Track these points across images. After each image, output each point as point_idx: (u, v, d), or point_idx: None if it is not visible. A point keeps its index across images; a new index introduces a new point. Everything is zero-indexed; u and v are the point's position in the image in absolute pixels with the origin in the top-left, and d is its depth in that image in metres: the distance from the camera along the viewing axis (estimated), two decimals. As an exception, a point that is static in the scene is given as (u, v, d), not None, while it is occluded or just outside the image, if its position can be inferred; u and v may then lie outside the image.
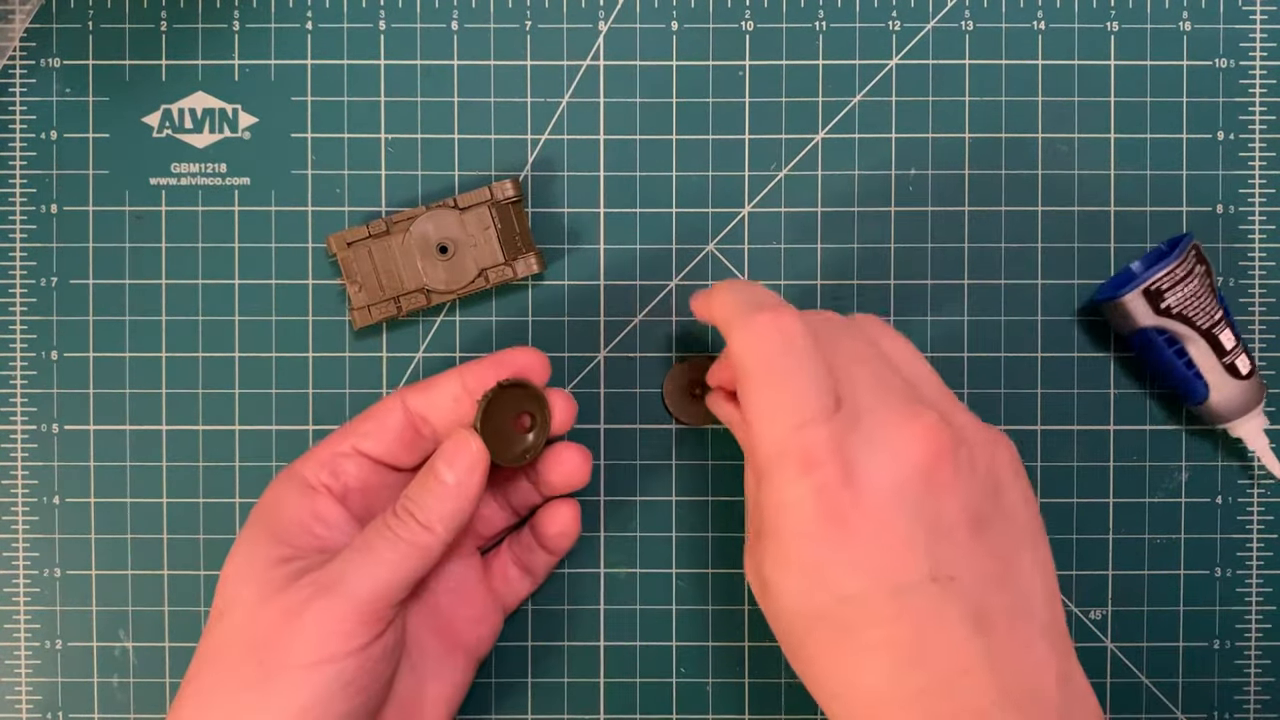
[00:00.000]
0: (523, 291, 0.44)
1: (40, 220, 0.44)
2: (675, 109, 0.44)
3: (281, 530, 0.37)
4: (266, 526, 0.37)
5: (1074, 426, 0.44)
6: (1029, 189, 0.44)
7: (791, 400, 0.32)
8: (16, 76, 0.44)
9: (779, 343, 0.33)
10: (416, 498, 0.36)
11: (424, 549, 0.36)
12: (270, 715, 0.34)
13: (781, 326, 0.33)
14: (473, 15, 0.44)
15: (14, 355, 0.44)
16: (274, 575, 0.35)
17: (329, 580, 0.35)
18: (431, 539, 0.36)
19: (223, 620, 0.35)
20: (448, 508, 0.36)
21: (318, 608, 0.34)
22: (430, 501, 0.36)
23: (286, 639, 0.34)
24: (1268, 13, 0.44)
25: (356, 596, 0.34)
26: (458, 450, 0.37)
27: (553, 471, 0.40)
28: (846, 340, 0.35)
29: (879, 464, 0.32)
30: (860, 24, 0.44)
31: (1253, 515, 0.44)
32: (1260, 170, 0.44)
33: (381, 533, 0.36)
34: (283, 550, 0.36)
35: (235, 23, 0.44)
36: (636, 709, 0.44)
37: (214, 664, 0.35)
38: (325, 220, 0.44)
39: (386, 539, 0.35)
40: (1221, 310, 0.41)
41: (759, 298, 0.35)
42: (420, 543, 0.36)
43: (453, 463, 0.36)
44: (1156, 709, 0.44)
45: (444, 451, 0.37)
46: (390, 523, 0.36)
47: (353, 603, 0.34)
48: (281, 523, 0.37)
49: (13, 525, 0.44)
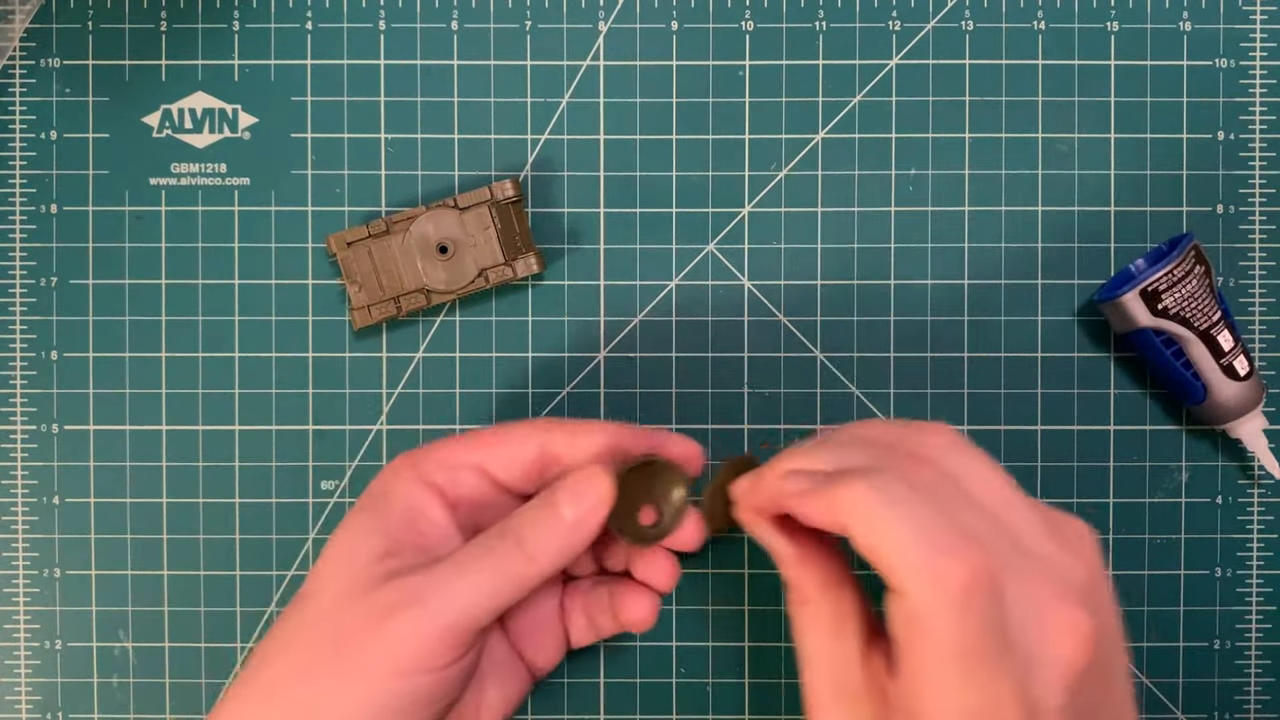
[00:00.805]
0: (523, 291, 0.44)
1: (40, 220, 0.44)
2: (675, 109, 0.44)
3: (388, 521, 0.35)
4: (374, 515, 0.36)
5: (1074, 426, 0.44)
6: (1029, 189, 0.44)
7: (982, 683, 0.28)
8: (16, 76, 0.44)
9: (977, 614, 0.28)
10: (528, 525, 0.35)
11: (522, 579, 0.34)
12: (342, 710, 0.33)
13: (980, 584, 0.28)
14: (473, 15, 0.44)
15: (14, 355, 0.44)
16: (369, 570, 0.34)
17: (420, 591, 0.33)
18: (533, 571, 0.34)
19: (309, 603, 0.34)
20: (558, 544, 0.34)
21: (403, 620, 0.33)
22: (542, 533, 0.34)
23: (367, 642, 0.33)
24: (1268, 13, 0.44)
25: (444, 617, 0.33)
26: (586, 488, 0.35)
27: (645, 570, 0.39)
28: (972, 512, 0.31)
29: (1050, 697, 0.29)
30: (860, 24, 0.44)
31: (1253, 515, 0.44)
32: (1260, 170, 0.44)
33: (482, 555, 0.34)
34: (384, 543, 0.35)
35: (235, 23, 0.44)
36: (636, 709, 0.44)
37: (288, 650, 0.34)
38: (325, 220, 0.44)
39: (487, 563, 0.34)
40: (1220, 311, 0.41)
41: (935, 524, 0.29)
42: (520, 573, 0.34)
43: (577, 500, 0.35)
44: (1156, 709, 0.44)
45: (569, 485, 0.35)
46: (494, 545, 0.34)
47: (439, 623, 0.33)
48: (390, 513, 0.36)
49: (13, 525, 0.44)
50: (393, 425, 0.44)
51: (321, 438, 0.44)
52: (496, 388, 0.44)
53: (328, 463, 0.44)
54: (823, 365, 0.44)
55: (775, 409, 0.44)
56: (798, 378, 0.44)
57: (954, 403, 0.44)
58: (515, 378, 0.44)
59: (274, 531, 0.43)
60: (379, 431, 0.44)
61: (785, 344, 0.44)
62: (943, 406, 0.44)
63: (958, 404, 0.44)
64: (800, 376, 0.44)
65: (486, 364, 0.44)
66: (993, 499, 0.31)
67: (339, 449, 0.44)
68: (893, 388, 0.44)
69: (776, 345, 0.44)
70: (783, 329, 0.44)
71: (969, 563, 0.28)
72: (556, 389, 0.44)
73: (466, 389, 0.44)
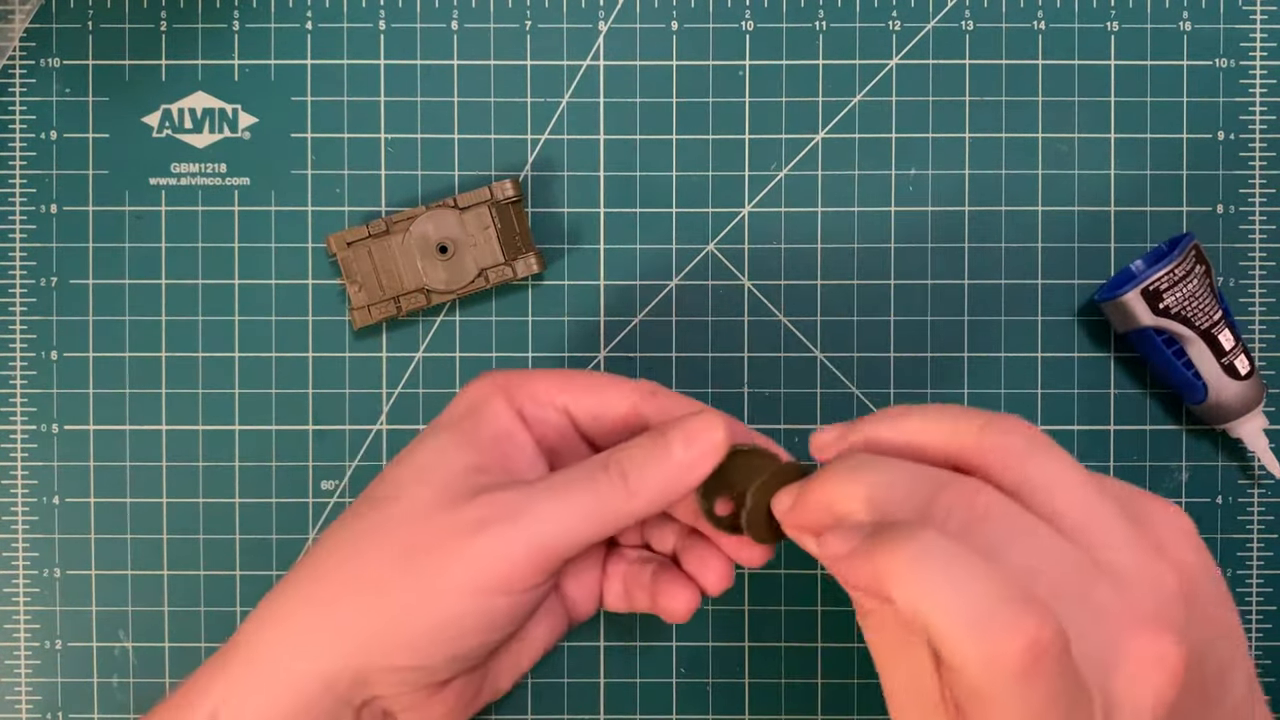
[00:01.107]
0: (523, 291, 0.44)
1: (40, 220, 0.44)
2: (675, 109, 0.44)
3: (477, 438, 0.34)
4: (461, 430, 0.34)
5: (1074, 426, 0.44)
6: (1029, 189, 0.44)
7: None
8: (16, 76, 0.44)
9: (1043, 686, 0.25)
10: (635, 460, 0.33)
11: (619, 514, 0.32)
12: (402, 623, 0.32)
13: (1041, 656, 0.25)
14: (473, 15, 0.44)
15: (14, 355, 0.44)
16: (459, 482, 0.33)
17: (513, 509, 0.32)
18: (631, 507, 0.32)
19: (386, 507, 0.33)
20: (662, 483, 0.32)
21: (493, 535, 0.31)
22: (648, 469, 0.32)
23: (449, 555, 0.32)
24: (1268, 13, 0.44)
25: (535, 540, 0.32)
26: (701, 431, 0.33)
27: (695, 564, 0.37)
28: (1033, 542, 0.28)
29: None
30: (860, 24, 0.44)
31: (1253, 515, 0.44)
32: (1260, 170, 0.44)
33: (582, 482, 0.32)
34: (475, 458, 0.33)
35: (235, 23, 0.44)
36: (636, 709, 0.44)
37: (364, 548, 0.33)
38: (325, 220, 0.44)
39: (587, 490, 0.32)
40: (1221, 311, 0.41)
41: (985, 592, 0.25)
42: (618, 508, 0.32)
43: (691, 441, 0.33)
44: (1156, 709, 0.44)
45: (686, 426, 0.33)
46: (596, 474, 0.33)
47: (528, 545, 0.31)
48: (479, 430, 0.34)
49: (13, 525, 0.44)
50: (393, 425, 0.44)
51: (321, 438, 0.44)
52: (496, 388, 0.44)
53: (328, 463, 0.44)
54: (823, 365, 0.44)
55: (775, 409, 0.44)
56: (798, 378, 0.44)
57: (954, 402, 0.43)
58: (515, 378, 0.44)
59: (274, 531, 0.43)
60: (379, 431, 0.44)
61: (785, 344, 0.44)
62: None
63: (958, 404, 0.43)
64: (800, 376, 0.44)
65: (486, 364, 0.44)
66: (1074, 512, 0.28)
67: (339, 449, 0.44)
68: (893, 388, 0.44)
69: (776, 345, 0.44)
70: (783, 329, 0.44)
71: (1027, 634, 0.25)
72: (556, 389, 0.44)
73: (466, 389, 0.44)
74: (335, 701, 0.33)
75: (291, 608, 0.34)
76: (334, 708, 0.33)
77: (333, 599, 0.33)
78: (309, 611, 0.33)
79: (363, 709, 0.33)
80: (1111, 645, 0.27)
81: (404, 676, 0.33)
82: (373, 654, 0.32)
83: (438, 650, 0.32)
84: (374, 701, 0.33)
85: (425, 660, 0.32)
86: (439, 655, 0.32)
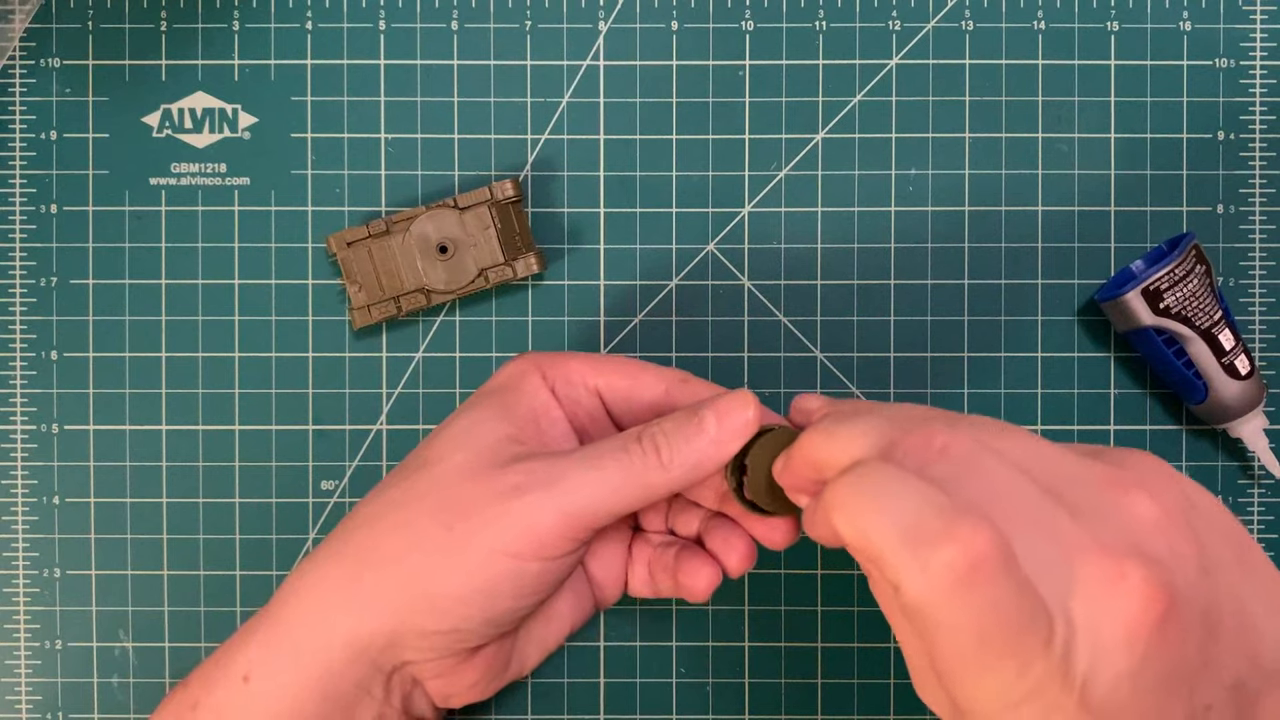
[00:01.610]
0: (523, 291, 0.44)
1: (40, 220, 0.44)
2: (675, 109, 0.44)
3: (515, 411, 0.35)
4: (500, 403, 0.35)
5: (1074, 426, 0.44)
6: (1029, 189, 0.44)
7: (1014, 669, 0.25)
8: (16, 76, 0.44)
9: (982, 596, 0.25)
10: (669, 435, 0.33)
11: (651, 486, 0.33)
12: (437, 583, 0.32)
13: (978, 563, 0.25)
14: (473, 15, 0.44)
15: (14, 355, 0.44)
16: (496, 450, 0.34)
17: (548, 476, 0.33)
18: (664, 479, 0.33)
19: (423, 472, 0.34)
20: (695, 457, 0.33)
21: (528, 501, 0.32)
22: (680, 443, 0.33)
23: (484, 518, 0.32)
24: (1268, 13, 0.44)
25: (569, 506, 0.32)
26: (734, 407, 0.33)
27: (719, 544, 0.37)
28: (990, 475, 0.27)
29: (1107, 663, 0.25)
30: (860, 24, 0.44)
31: (1253, 515, 0.44)
32: (1260, 170, 0.44)
33: (616, 453, 0.33)
34: (511, 429, 0.34)
35: (235, 23, 0.44)
36: (636, 709, 0.44)
37: (399, 511, 0.33)
38: (325, 220, 0.44)
39: (620, 461, 0.33)
40: (1221, 310, 0.41)
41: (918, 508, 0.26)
42: (651, 480, 0.33)
43: (723, 417, 0.33)
44: (1156, 709, 0.44)
45: (719, 403, 0.34)
46: (630, 446, 0.33)
47: (563, 511, 0.32)
48: (518, 404, 0.35)
49: (13, 525, 0.44)
50: (393, 425, 0.44)
51: (321, 438, 0.44)
52: (496, 388, 0.44)
53: (328, 463, 0.44)
54: (823, 365, 0.44)
55: (775, 409, 0.43)
56: (798, 378, 0.44)
57: (954, 403, 0.44)
58: (515, 378, 0.44)
59: (274, 531, 0.43)
60: (379, 431, 0.44)
61: (785, 344, 0.44)
62: (943, 406, 0.43)
63: (958, 404, 0.44)
64: (800, 376, 0.44)
65: (486, 364, 0.44)
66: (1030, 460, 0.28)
67: (339, 449, 0.44)
68: (893, 388, 0.44)
69: (776, 345, 0.44)
70: (783, 329, 0.44)
71: (960, 540, 0.25)
72: (556, 389, 0.44)
73: (466, 389, 0.44)
74: (367, 667, 0.33)
75: (325, 571, 0.34)
76: (365, 674, 0.33)
77: (366, 562, 0.33)
78: (341, 575, 0.34)
79: (393, 675, 0.34)
80: (1072, 566, 0.26)
81: (435, 641, 0.33)
82: (405, 617, 0.33)
83: (470, 613, 0.33)
84: (404, 668, 0.34)
85: (458, 623, 0.33)
86: (472, 618, 0.33)
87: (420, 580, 0.33)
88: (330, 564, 0.34)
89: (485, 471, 0.33)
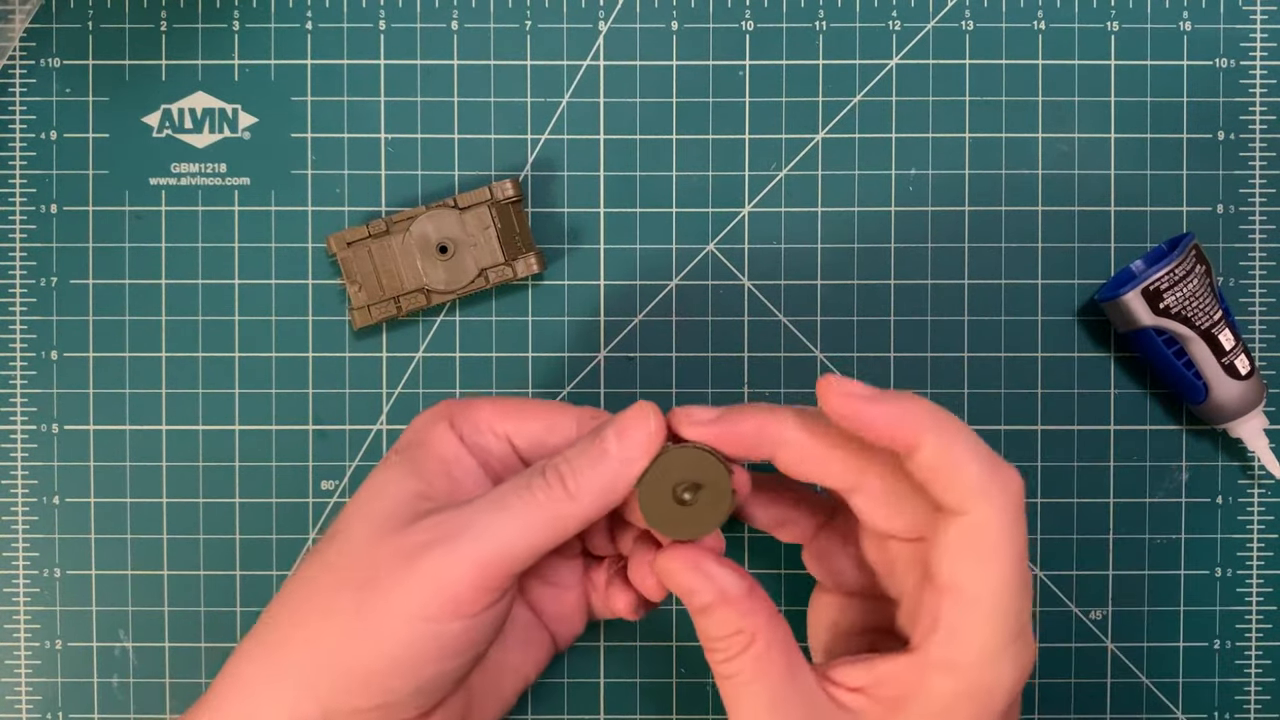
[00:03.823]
0: (523, 291, 0.44)
1: (40, 220, 0.44)
2: (675, 109, 0.44)
3: (423, 465, 0.34)
4: (408, 459, 0.34)
5: (1074, 426, 0.44)
6: (1029, 189, 0.44)
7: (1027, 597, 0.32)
8: (16, 76, 0.44)
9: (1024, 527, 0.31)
10: (572, 462, 0.32)
11: (562, 519, 0.32)
12: (354, 657, 0.31)
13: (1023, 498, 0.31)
14: (473, 15, 0.44)
15: (14, 355, 0.44)
16: (402, 509, 0.32)
17: (452, 529, 0.31)
18: (574, 509, 0.32)
19: (334, 542, 0.33)
20: (601, 481, 0.32)
21: (434, 559, 0.31)
22: (586, 469, 0.32)
23: (395, 582, 0.31)
24: (1268, 13, 0.44)
25: (479, 556, 0.31)
26: (634, 424, 0.32)
27: (637, 574, 0.36)
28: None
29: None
30: (860, 24, 0.44)
31: (1253, 515, 0.44)
32: (1260, 170, 0.44)
33: (520, 491, 0.32)
34: (419, 485, 0.33)
35: (235, 23, 0.44)
36: (636, 709, 0.44)
37: (311, 589, 0.32)
38: (325, 220, 0.44)
39: (524, 499, 0.32)
40: (1221, 310, 0.41)
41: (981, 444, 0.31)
42: (561, 511, 0.32)
43: (624, 434, 0.32)
44: (1156, 709, 0.44)
45: (619, 420, 0.33)
46: (534, 483, 0.32)
47: (473, 562, 0.31)
48: (425, 458, 0.34)
49: (13, 525, 0.44)
50: (393, 425, 0.44)
51: (321, 438, 0.44)
52: (496, 388, 0.44)
53: (328, 463, 0.44)
54: (823, 365, 0.44)
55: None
56: (798, 378, 0.44)
57: (954, 403, 0.44)
58: (515, 378, 0.44)
59: (274, 531, 0.43)
60: (379, 431, 0.44)
61: (785, 344, 0.44)
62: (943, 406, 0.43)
63: (958, 404, 0.44)
64: (800, 376, 0.44)
65: (486, 364, 0.44)
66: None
67: (339, 449, 0.44)
68: (893, 387, 0.44)
69: (776, 345, 0.44)
70: (783, 329, 0.44)
71: (1018, 478, 0.31)
72: (557, 389, 0.44)
73: (466, 389, 0.44)
74: None
75: (251, 660, 0.33)
76: None
77: (288, 645, 0.32)
78: (267, 662, 0.32)
79: None
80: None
81: (369, 718, 0.32)
82: (331, 698, 0.31)
83: (395, 684, 0.31)
84: None
85: (385, 696, 0.31)
86: (397, 690, 0.31)
87: (339, 657, 0.31)
88: (256, 651, 0.33)
89: (391, 534, 0.32)
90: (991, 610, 0.30)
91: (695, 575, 0.32)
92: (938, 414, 0.31)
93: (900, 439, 0.30)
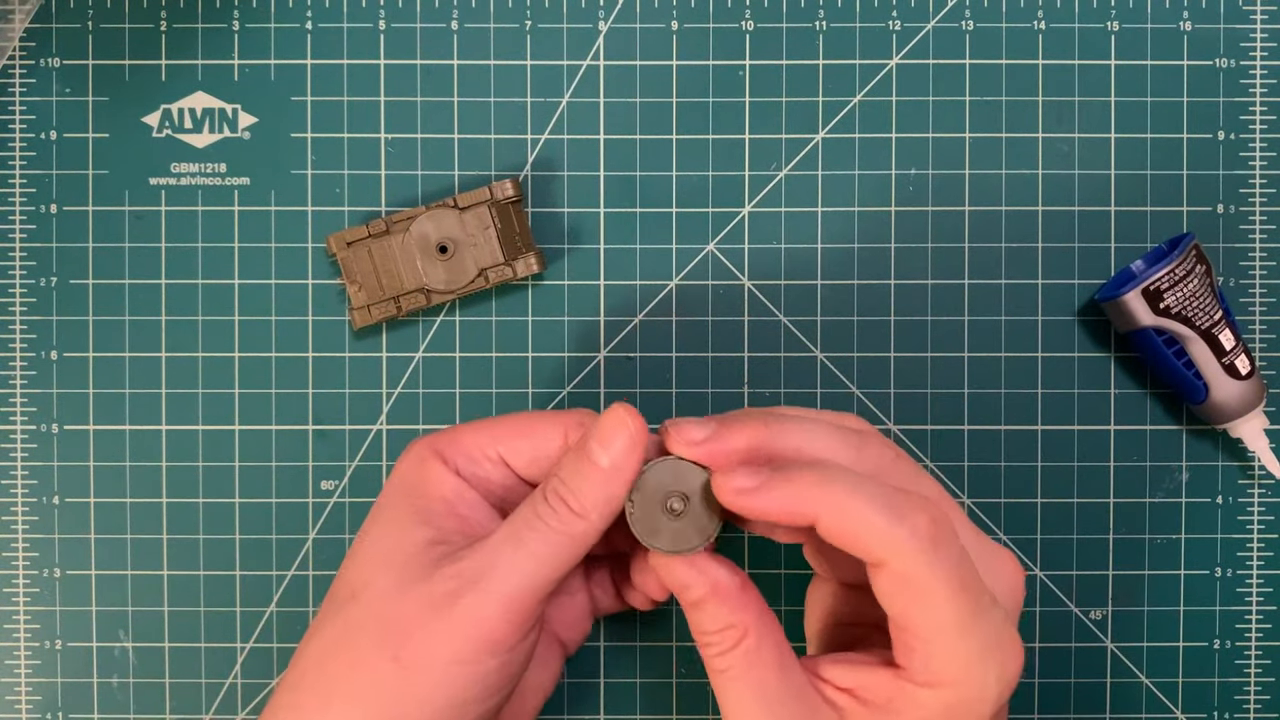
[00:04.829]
0: (523, 291, 0.44)
1: (40, 220, 0.44)
2: (675, 109, 0.44)
3: (428, 509, 0.34)
4: (411, 504, 0.34)
5: (1074, 426, 0.44)
6: (1029, 189, 0.44)
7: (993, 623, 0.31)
8: (16, 76, 0.44)
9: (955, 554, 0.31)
10: (569, 482, 0.33)
11: (578, 538, 0.32)
12: (401, 712, 0.31)
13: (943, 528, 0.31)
14: (473, 15, 0.44)
15: (14, 355, 0.44)
16: (418, 561, 0.32)
17: (476, 573, 0.32)
18: (586, 526, 0.32)
19: (355, 604, 0.33)
20: (602, 493, 0.32)
21: (466, 605, 0.31)
22: (584, 486, 0.32)
23: (429, 635, 0.31)
24: (1268, 13, 0.44)
25: (507, 594, 0.32)
26: (614, 430, 0.32)
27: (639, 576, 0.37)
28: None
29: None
30: (860, 24, 0.44)
31: (1253, 515, 0.44)
32: (1260, 170, 0.44)
33: (532, 523, 0.32)
34: (429, 532, 0.33)
35: (235, 23, 0.44)
36: (636, 709, 0.44)
37: (343, 651, 0.32)
38: (325, 220, 0.44)
39: (538, 530, 0.32)
40: (1221, 310, 0.41)
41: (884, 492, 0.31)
42: (574, 532, 0.32)
43: (608, 443, 0.32)
44: (1156, 709, 0.44)
45: (599, 430, 0.33)
46: (541, 511, 0.33)
47: (503, 601, 0.31)
48: (428, 501, 0.34)
49: (13, 525, 0.44)
50: (393, 425, 0.44)
51: (321, 438, 0.44)
52: (496, 388, 0.44)
53: (328, 463, 0.44)
54: (823, 365, 0.44)
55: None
56: (798, 378, 0.44)
57: (954, 403, 0.44)
58: (515, 378, 0.44)
59: (274, 531, 0.43)
60: (379, 431, 0.44)
61: (785, 344, 0.44)
62: (943, 406, 0.44)
63: (958, 404, 0.44)
64: (800, 376, 0.44)
65: (486, 364, 0.44)
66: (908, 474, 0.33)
67: (339, 449, 0.44)
68: (893, 388, 0.44)
69: (776, 345, 0.44)
70: (783, 329, 0.44)
71: (927, 510, 0.30)
72: (557, 389, 0.44)
73: (466, 389, 0.44)
74: None
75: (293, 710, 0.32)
76: None
77: (323, 709, 0.32)
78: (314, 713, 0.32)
79: None
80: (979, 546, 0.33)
81: None
82: None
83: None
84: None
85: None
86: None
87: (387, 714, 0.31)
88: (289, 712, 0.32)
89: (414, 587, 0.32)
90: (954, 636, 0.30)
91: (688, 570, 0.33)
92: (826, 483, 0.31)
93: (798, 519, 0.31)
